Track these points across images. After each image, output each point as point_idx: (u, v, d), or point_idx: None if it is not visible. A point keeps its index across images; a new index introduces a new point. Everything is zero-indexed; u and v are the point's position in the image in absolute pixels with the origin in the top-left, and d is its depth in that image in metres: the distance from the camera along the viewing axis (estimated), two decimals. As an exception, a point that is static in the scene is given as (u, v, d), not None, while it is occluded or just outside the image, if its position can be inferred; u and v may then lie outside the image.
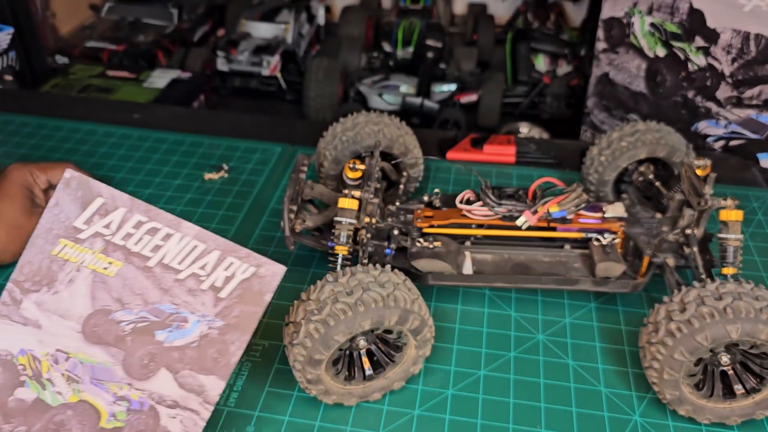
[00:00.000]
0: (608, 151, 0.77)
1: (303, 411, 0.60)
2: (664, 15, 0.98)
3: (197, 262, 0.51)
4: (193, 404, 0.51)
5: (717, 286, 0.56)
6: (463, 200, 0.71)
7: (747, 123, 0.98)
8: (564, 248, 0.71)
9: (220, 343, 0.51)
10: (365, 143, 0.76)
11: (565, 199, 0.67)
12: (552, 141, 1.07)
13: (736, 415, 0.58)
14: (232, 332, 0.51)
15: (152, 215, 0.51)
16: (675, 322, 0.55)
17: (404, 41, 1.66)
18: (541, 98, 1.47)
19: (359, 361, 0.59)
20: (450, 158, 0.96)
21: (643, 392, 0.62)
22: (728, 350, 0.57)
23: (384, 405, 0.61)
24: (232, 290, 0.51)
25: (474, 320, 0.69)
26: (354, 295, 0.54)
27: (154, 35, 1.83)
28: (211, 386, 0.51)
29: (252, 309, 0.51)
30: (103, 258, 0.51)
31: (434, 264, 0.67)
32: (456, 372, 0.64)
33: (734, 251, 0.65)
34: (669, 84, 1.01)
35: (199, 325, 0.51)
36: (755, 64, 0.93)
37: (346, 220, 0.64)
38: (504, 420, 0.59)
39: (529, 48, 1.56)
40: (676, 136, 0.78)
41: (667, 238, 0.68)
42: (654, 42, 1.01)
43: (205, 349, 0.51)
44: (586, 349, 0.66)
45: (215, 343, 0.51)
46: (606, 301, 0.72)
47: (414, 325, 0.57)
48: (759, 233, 0.82)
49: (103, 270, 0.51)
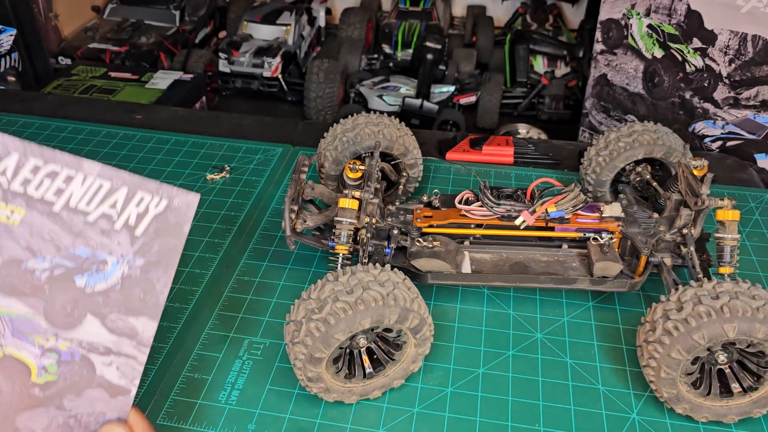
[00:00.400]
0: (606, 152, 0.78)
1: (304, 409, 0.60)
2: (662, 16, 0.99)
3: (106, 201, 0.48)
4: (128, 349, 0.49)
5: (714, 286, 0.56)
6: (462, 200, 0.71)
7: (744, 123, 0.98)
8: (562, 248, 0.71)
9: (145, 282, 0.49)
10: (365, 144, 0.77)
11: (563, 199, 0.68)
12: (550, 141, 1.08)
13: (733, 413, 0.58)
14: (155, 269, 0.49)
15: (48, 157, 0.48)
16: (672, 320, 0.55)
17: (404, 43, 1.67)
18: (540, 99, 1.48)
19: (359, 359, 0.60)
20: (449, 159, 0.96)
21: (641, 390, 0.62)
22: (725, 349, 0.57)
23: (384, 403, 0.61)
24: (147, 226, 0.49)
25: (473, 319, 0.70)
26: (354, 294, 0.55)
27: (156, 37, 1.84)
28: (143, 327, 0.49)
29: (171, 242, 0.49)
30: (2, 206, 0.48)
31: (433, 263, 0.67)
32: (455, 370, 0.64)
33: (731, 251, 0.66)
34: (667, 85, 1.02)
35: (119, 266, 0.49)
36: (752, 65, 0.94)
37: (347, 220, 0.65)
38: (503, 418, 0.60)
39: (528, 49, 1.56)
40: (673, 136, 0.78)
41: (664, 238, 0.68)
42: (652, 43, 1.01)
43: (130, 290, 0.49)
44: (584, 348, 0.67)
45: (139, 282, 0.49)
46: (604, 300, 0.72)
47: (413, 323, 0.57)
48: (756, 233, 0.82)
49: (5, 219, 0.48)
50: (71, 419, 0.49)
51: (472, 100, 1.47)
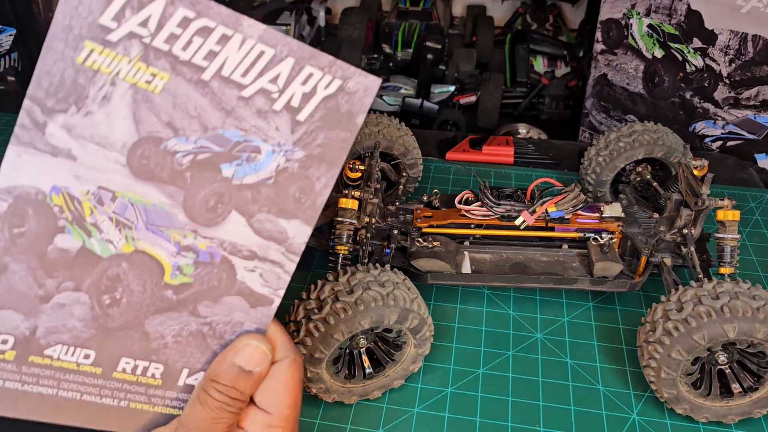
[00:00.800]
0: (606, 152, 0.78)
1: (303, 409, 0.60)
2: (662, 16, 0.98)
3: (266, 73, 0.40)
4: (275, 254, 0.43)
5: (714, 286, 0.56)
6: (462, 200, 0.71)
7: (744, 123, 0.98)
8: (562, 248, 0.71)
9: (303, 178, 0.42)
10: (365, 144, 0.77)
11: (563, 199, 0.67)
12: (550, 142, 1.08)
13: (733, 413, 0.58)
14: (316, 165, 0.41)
15: (202, 9, 0.39)
16: (672, 321, 0.55)
17: (404, 43, 1.67)
18: (540, 99, 1.48)
19: (359, 359, 0.60)
20: (449, 159, 0.96)
21: (641, 391, 0.62)
22: (725, 349, 0.57)
23: (384, 403, 0.61)
24: (313, 111, 0.41)
25: (473, 319, 0.70)
26: (354, 294, 0.54)
27: (154, 37, 1.84)
28: (294, 232, 0.42)
29: (340, 135, 0.41)
30: (143, 68, 0.39)
31: (433, 263, 0.67)
32: (455, 370, 0.64)
33: (731, 251, 0.66)
34: (667, 85, 1.02)
35: (274, 157, 0.41)
36: (753, 65, 0.93)
37: (347, 220, 0.65)
38: (503, 418, 0.60)
39: (528, 49, 1.56)
40: (673, 136, 0.78)
41: (664, 238, 0.68)
42: (652, 43, 1.01)
43: (285, 187, 0.42)
44: (584, 348, 0.66)
45: (296, 178, 0.42)
46: (604, 300, 0.72)
47: (413, 323, 0.57)
48: (756, 233, 0.82)
49: (145, 84, 0.40)
50: (205, 327, 0.43)
51: (472, 100, 1.47)
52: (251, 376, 0.41)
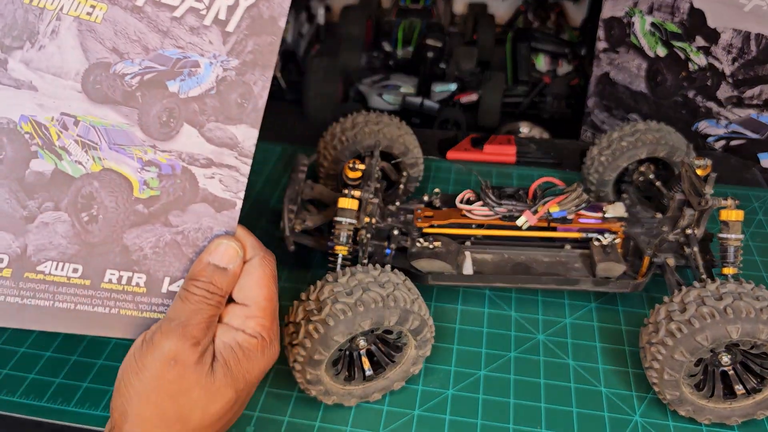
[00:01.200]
0: (608, 151, 0.77)
1: (303, 411, 0.60)
2: (665, 15, 0.98)
3: None
4: (229, 159, 0.47)
5: (717, 286, 0.56)
6: (463, 200, 0.71)
7: (747, 123, 0.98)
8: (564, 248, 0.71)
9: (241, 85, 0.46)
10: (365, 143, 0.76)
11: (565, 199, 0.67)
12: (552, 141, 1.07)
13: (736, 415, 0.58)
14: (251, 70, 0.46)
15: None
16: (675, 322, 0.55)
17: (404, 41, 1.66)
18: (542, 98, 1.47)
19: (359, 361, 0.59)
20: (450, 158, 0.96)
21: (644, 392, 0.62)
22: (729, 350, 0.57)
23: (384, 405, 0.61)
24: (239, 21, 0.45)
25: (474, 320, 0.69)
26: (354, 296, 0.54)
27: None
28: (243, 136, 0.47)
29: (267, 39, 0.46)
30: (83, 1, 0.45)
31: (434, 264, 0.67)
32: (456, 372, 0.64)
33: (735, 251, 0.65)
34: (669, 84, 1.01)
35: (212, 68, 0.46)
36: (756, 64, 0.93)
37: (346, 220, 0.64)
38: (504, 420, 0.59)
39: (530, 48, 1.56)
40: (676, 135, 0.77)
41: (667, 238, 0.68)
42: (654, 42, 1.00)
43: (226, 95, 0.46)
44: (586, 349, 0.66)
45: (235, 86, 0.46)
46: (606, 301, 0.72)
47: (414, 325, 0.57)
48: (759, 233, 0.82)
49: (87, 16, 0.45)
50: (178, 236, 0.47)
51: (473, 98, 1.46)
52: (226, 273, 0.45)
